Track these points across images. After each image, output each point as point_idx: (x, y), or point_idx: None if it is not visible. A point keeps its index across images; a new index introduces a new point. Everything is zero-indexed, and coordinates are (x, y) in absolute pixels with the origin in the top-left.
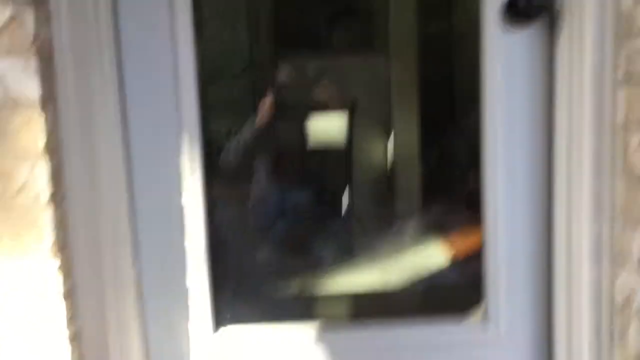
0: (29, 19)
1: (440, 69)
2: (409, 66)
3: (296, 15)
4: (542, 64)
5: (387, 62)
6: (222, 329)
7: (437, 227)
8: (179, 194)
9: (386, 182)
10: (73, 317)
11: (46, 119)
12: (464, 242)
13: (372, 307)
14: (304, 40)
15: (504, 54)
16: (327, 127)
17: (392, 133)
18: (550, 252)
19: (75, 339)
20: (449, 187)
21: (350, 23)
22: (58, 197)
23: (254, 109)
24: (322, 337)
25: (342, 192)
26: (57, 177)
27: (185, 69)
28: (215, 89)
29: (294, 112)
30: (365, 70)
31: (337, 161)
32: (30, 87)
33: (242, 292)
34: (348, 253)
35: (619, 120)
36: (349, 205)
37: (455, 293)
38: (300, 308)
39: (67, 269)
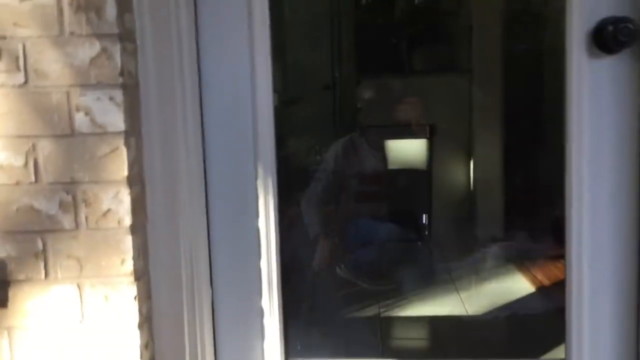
0: (116, 53)
1: (525, 91)
2: (493, 88)
3: (377, 36)
4: (632, 93)
5: (470, 84)
6: None
7: (521, 254)
8: (256, 220)
9: (468, 207)
10: (149, 343)
11: (130, 149)
12: (550, 270)
13: (450, 333)
14: (385, 61)
15: (589, 80)
16: (407, 149)
17: (474, 156)
18: (639, 291)
19: None
20: (534, 213)
21: (433, 44)
22: (139, 224)
23: (334, 127)
24: None
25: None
26: (139, 204)
27: (262, 98)
28: (297, 107)
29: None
30: (446, 91)
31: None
32: (115, 119)
33: (315, 320)
34: (428, 278)
35: None
36: (428, 230)
37: (538, 323)
38: (375, 336)
39: (146, 295)
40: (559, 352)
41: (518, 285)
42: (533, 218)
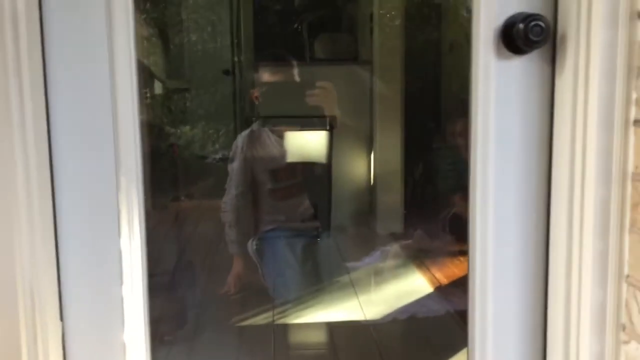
0: None
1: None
2: (394, 80)
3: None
4: (541, 97)
5: (371, 75)
6: None
7: (419, 252)
8: (117, 237)
9: (368, 202)
10: None
11: None
12: (448, 268)
13: (348, 337)
14: (285, 47)
15: (496, 82)
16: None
17: (374, 150)
18: (546, 320)
19: None
20: (432, 209)
21: (333, 32)
22: None
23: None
24: None
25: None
26: None
27: (123, 95)
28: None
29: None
30: (347, 82)
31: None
32: None
33: (203, 330)
34: (326, 280)
35: (630, 168)
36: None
37: (438, 325)
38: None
39: None
40: (462, 356)
41: (417, 284)
42: (431, 214)
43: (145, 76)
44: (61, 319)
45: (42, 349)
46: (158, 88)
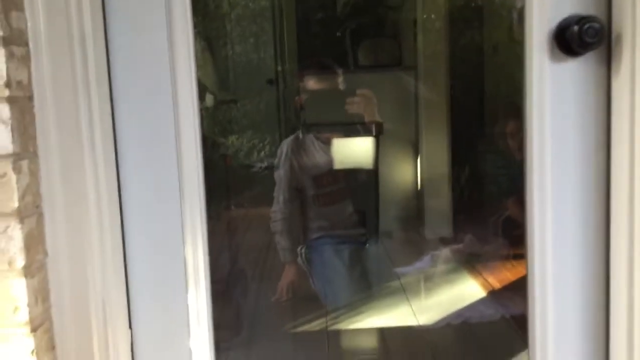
0: None
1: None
2: (439, 84)
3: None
4: (597, 99)
5: (416, 80)
6: None
7: (470, 256)
8: (181, 246)
9: (415, 206)
10: None
11: (21, 174)
12: (500, 273)
13: (402, 343)
14: (329, 55)
15: (551, 85)
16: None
17: (421, 154)
18: (608, 322)
19: None
20: (481, 213)
21: (377, 39)
22: (36, 264)
23: (279, 123)
24: None
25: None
26: (35, 240)
27: (185, 108)
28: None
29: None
30: (392, 87)
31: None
32: (1, 138)
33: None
34: (377, 285)
35: None
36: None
37: (491, 329)
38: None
39: (48, 346)
40: None
41: (469, 289)
42: (480, 218)
43: (199, 89)
44: (130, 327)
45: (113, 356)
46: (209, 100)
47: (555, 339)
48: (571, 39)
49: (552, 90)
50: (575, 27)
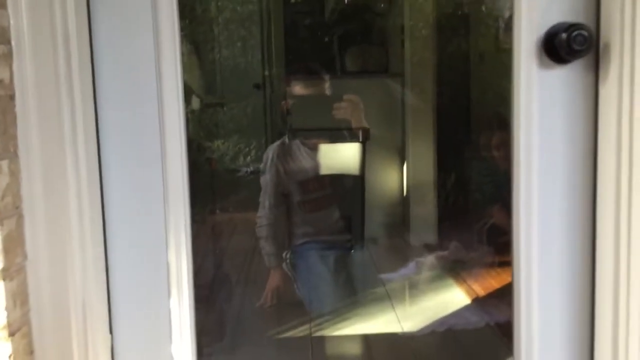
0: None
1: (456, 95)
2: (425, 91)
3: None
4: (584, 106)
5: (403, 86)
6: None
7: (455, 263)
8: (164, 250)
9: (401, 213)
10: None
11: (1, 174)
12: (485, 280)
13: (386, 350)
14: (316, 61)
15: (539, 92)
16: (340, 153)
17: (407, 161)
18: (593, 330)
19: None
20: (466, 220)
21: (364, 45)
22: (15, 266)
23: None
24: None
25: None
26: (14, 242)
27: (170, 110)
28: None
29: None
30: (379, 94)
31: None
32: None
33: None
34: (362, 292)
35: None
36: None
37: (475, 337)
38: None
39: (27, 350)
40: None
41: (454, 296)
42: (465, 225)
43: (185, 92)
44: (110, 332)
45: None
46: (195, 103)
47: (540, 346)
48: (559, 46)
49: (539, 97)
50: (564, 35)
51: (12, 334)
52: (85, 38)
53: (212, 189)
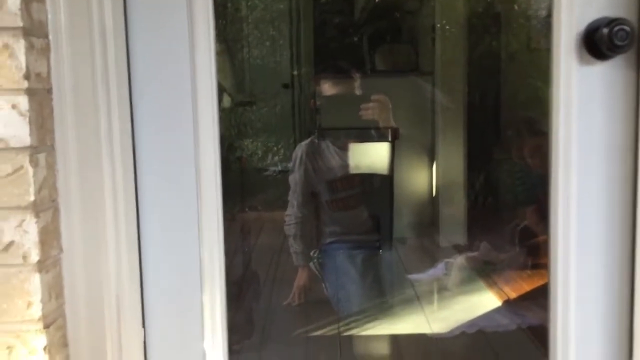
0: (19, 50)
1: (488, 94)
2: (456, 90)
3: (337, 34)
4: (626, 103)
5: (433, 85)
6: None
7: (485, 264)
8: (197, 246)
9: (430, 213)
10: None
11: (38, 167)
12: (516, 282)
13: (415, 350)
14: (345, 60)
15: (579, 89)
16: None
17: (436, 161)
18: (632, 334)
19: None
20: (497, 221)
21: (394, 44)
22: (50, 259)
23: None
24: None
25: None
26: (50, 235)
27: (204, 105)
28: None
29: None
30: (409, 93)
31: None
32: (19, 131)
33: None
34: (390, 292)
35: None
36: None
37: (506, 339)
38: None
39: (61, 343)
40: None
41: (484, 298)
42: (495, 226)
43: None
44: (143, 326)
45: (125, 355)
46: (226, 101)
47: (577, 351)
48: (600, 41)
49: (579, 94)
50: (605, 30)
51: (47, 326)
52: (122, 33)
53: (242, 187)
